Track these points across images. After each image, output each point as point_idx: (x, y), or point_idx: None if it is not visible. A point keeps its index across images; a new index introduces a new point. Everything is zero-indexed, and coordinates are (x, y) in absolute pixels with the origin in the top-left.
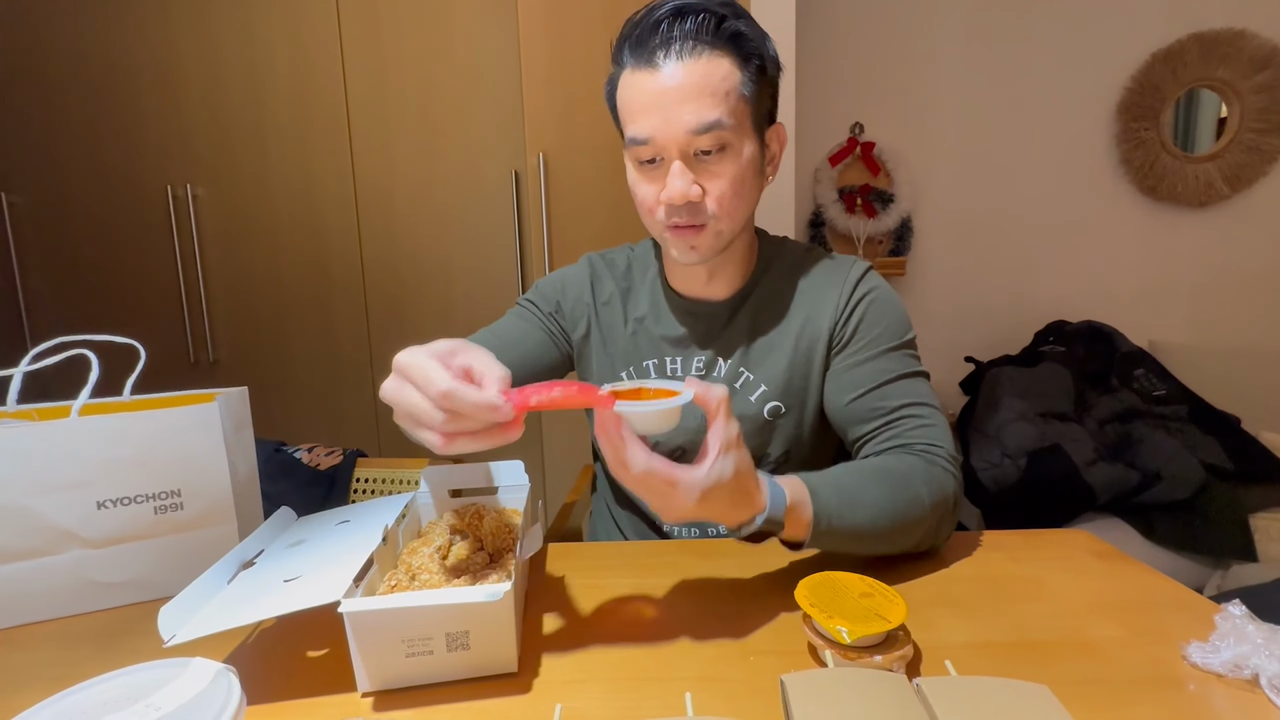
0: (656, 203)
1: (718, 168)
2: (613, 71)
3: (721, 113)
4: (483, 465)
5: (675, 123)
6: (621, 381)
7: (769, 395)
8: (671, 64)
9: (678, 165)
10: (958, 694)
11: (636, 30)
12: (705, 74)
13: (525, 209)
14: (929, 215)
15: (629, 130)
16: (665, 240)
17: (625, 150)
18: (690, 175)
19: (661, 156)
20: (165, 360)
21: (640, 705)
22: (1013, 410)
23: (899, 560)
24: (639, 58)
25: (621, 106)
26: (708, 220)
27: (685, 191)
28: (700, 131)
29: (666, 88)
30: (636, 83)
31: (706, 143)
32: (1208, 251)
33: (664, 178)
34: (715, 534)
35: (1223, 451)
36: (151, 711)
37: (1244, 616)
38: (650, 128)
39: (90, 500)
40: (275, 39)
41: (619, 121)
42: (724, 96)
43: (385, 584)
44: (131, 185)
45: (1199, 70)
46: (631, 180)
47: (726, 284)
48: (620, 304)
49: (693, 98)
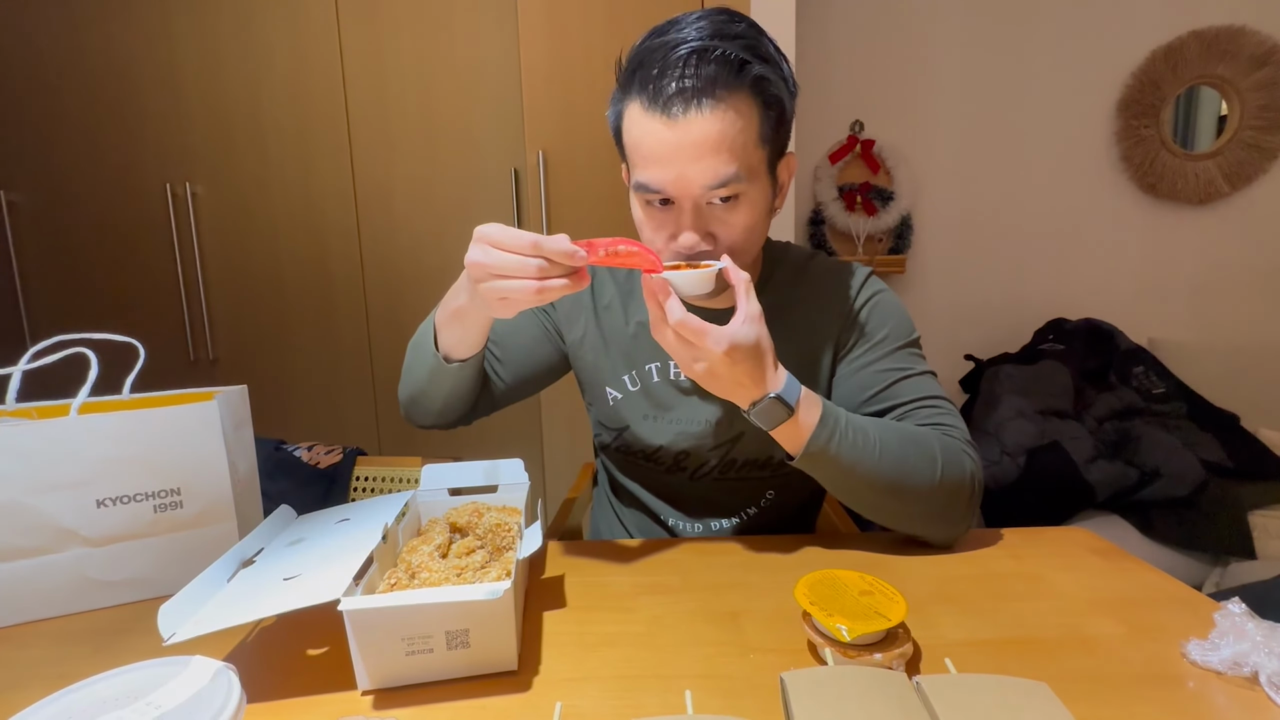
0: (667, 238)
1: (731, 216)
2: (618, 94)
3: (738, 166)
4: (482, 464)
5: (691, 179)
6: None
7: None
8: (690, 116)
9: (690, 212)
10: (957, 691)
11: (652, 66)
12: (723, 128)
13: (525, 207)
14: (929, 213)
15: (639, 174)
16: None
17: (632, 185)
18: (703, 226)
19: (672, 202)
20: (164, 358)
21: (640, 703)
22: (1012, 408)
23: (899, 558)
24: (653, 100)
25: (630, 144)
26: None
27: (695, 245)
28: (716, 187)
29: (683, 143)
30: (650, 130)
31: (721, 195)
32: (1207, 249)
33: (673, 221)
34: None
35: (1222, 449)
36: (151, 710)
37: (1243, 614)
38: (663, 180)
39: (90, 499)
40: (275, 37)
41: (623, 150)
42: (741, 149)
43: (385, 582)
44: (131, 183)
45: (1199, 67)
46: (637, 212)
47: (730, 291)
48: (621, 307)
49: (709, 154)
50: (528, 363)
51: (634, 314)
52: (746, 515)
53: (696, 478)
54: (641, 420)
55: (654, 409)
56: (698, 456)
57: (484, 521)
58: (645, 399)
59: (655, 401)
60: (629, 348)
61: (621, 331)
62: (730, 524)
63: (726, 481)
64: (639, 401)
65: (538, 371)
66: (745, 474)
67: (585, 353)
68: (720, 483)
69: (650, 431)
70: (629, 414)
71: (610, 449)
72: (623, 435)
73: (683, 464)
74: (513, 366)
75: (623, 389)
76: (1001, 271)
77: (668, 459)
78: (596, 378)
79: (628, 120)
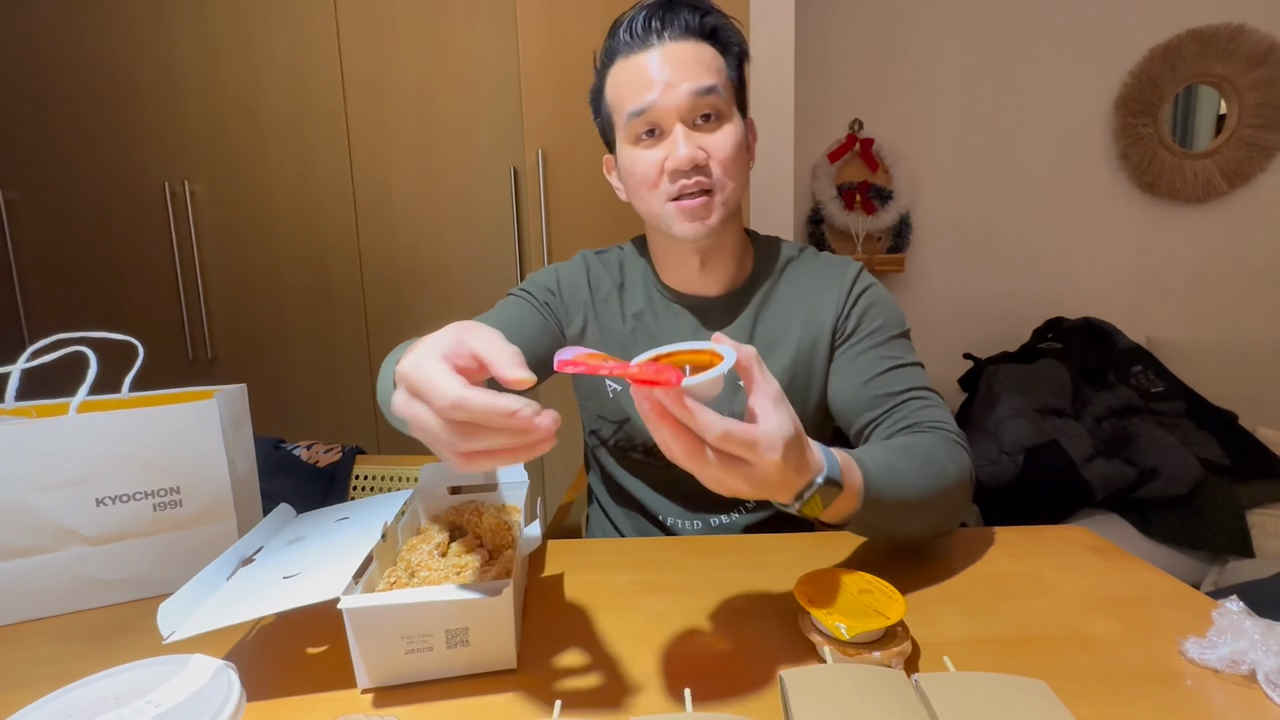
0: (660, 173)
1: (717, 136)
2: (599, 74)
3: (717, 81)
4: None
5: (676, 87)
6: (645, 353)
7: None
8: (666, 42)
9: (680, 130)
10: (955, 689)
11: (626, 24)
12: (696, 52)
13: (524, 205)
14: (927, 212)
15: (629, 106)
16: (670, 217)
17: (622, 134)
18: (694, 143)
19: (660, 127)
20: (163, 357)
21: (639, 701)
22: (1011, 407)
23: (898, 556)
24: (630, 45)
25: (616, 93)
26: (713, 186)
27: (692, 154)
28: (701, 94)
29: (664, 61)
30: (633, 63)
31: (705, 106)
32: (1206, 247)
33: (664, 147)
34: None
35: (1219, 447)
36: (151, 708)
37: (1241, 612)
38: (651, 95)
39: (89, 497)
40: (273, 35)
41: (608, 118)
42: (716, 71)
43: (385, 581)
44: (129, 182)
45: (1197, 66)
46: (630, 160)
47: (719, 278)
48: (617, 300)
49: (690, 67)
50: (534, 359)
51: (628, 307)
52: (745, 509)
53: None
54: (636, 412)
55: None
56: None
57: (483, 520)
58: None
59: None
60: (627, 340)
61: (619, 324)
62: (728, 518)
63: None
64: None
65: (535, 366)
66: None
67: (585, 346)
68: None
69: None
70: (628, 406)
71: (610, 445)
72: (623, 428)
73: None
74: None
75: (621, 380)
76: (1000, 270)
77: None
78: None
79: (612, 78)
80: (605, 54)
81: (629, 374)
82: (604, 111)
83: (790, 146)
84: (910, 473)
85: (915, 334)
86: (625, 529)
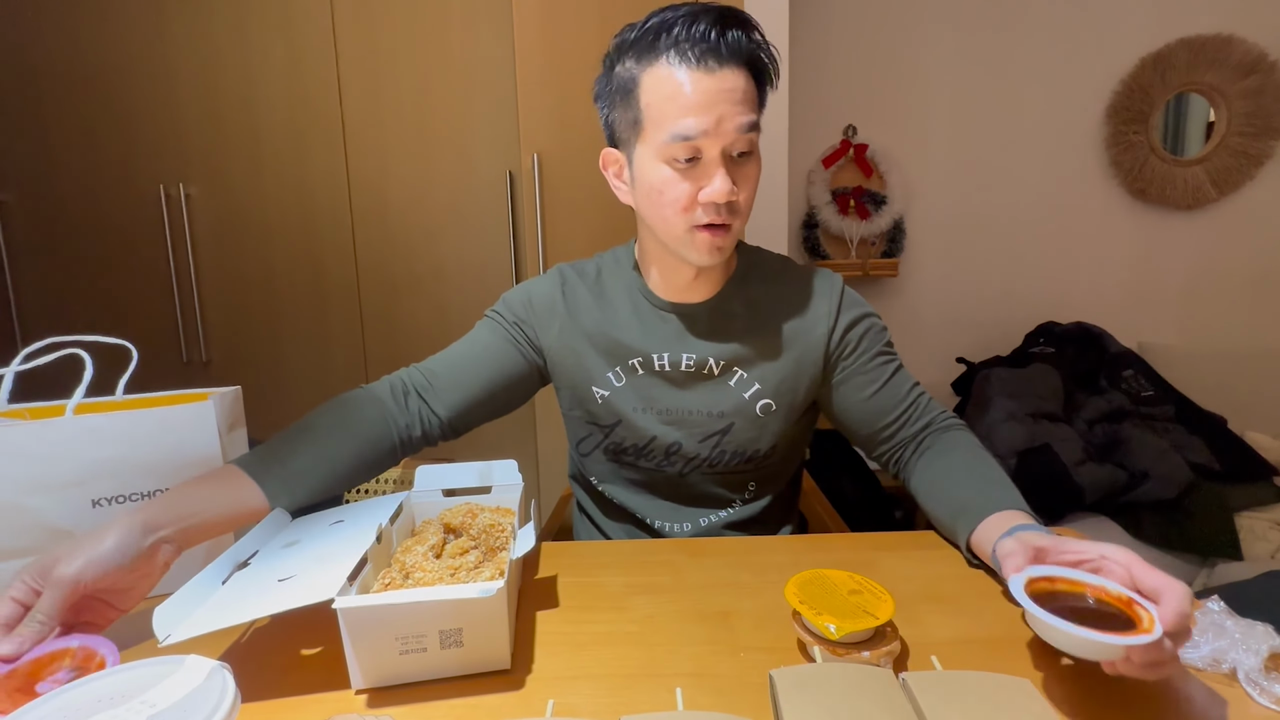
0: (693, 202)
1: (747, 169)
2: (624, 64)
3: (758, 117)
4: (476, 465)
5: (729, 121)
6: (1033, 569)
7: (762, 393)
8: (724, 69)
9: (720, 166)
10: (942, 688)
11: (679, 29)
12: (745, 83)
13: (520, 209)
14: (921, 217)
15: (675, 126)
16: (689, 241)
17: (657, 148)
18: (730, 173)
19: (699, 156)
20: (157, 360)
21: (631, 701)
22: (1003, 410)
23: (888, 557)
24: (685, 57)
25: (657, 104)
26: (735, 220)
27: (729, 190)
28: (746, 131)
29: (720, 89)
30: (683, 81)
31: (745, 144)
32: (1196, 254)
33: (701, 177)
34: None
35: (1209, 451)
36: (146, 708)
37: (1222, 612)
38: (701, 125)
39: (85, 499)
40: (269, 37)
41: (635, 117)
42: (755, 105)
43: (379, 582)
44: (124, 184)
45: (1187, 74)
46: (658, 180)
47: (707, 286)
48: (597, 307)
49: (741, 100)
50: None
51: (609, 316)
52: (732, 509)
53: (686, 471)
54: (632, 413)
55: (643, 402)
56: (689, 447)
57: (478, 522)
58: (633, 393)
59: (643, 394)
60: (609, 345)
61: (599, 331)
62: (718, 518)
63: (715, 474)
64: (627, 395)
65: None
66: (732, 466)
67: (565, 358)
68: (709, 475)
69: (643, 422)
70: (621, 407)
71: (600, 451)
72: (614, 431)
73: (673, 456)
74: (488, 391)
75: (609, 386)
76: (993, 275)
77: (659, 452)
78: (580, 379)
79: (652, 81)
80: (645, 48)
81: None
82: (630, 109)
83: (785, 151)
84: (1004, 479)
85: (909, 338)
86: (614, 538)
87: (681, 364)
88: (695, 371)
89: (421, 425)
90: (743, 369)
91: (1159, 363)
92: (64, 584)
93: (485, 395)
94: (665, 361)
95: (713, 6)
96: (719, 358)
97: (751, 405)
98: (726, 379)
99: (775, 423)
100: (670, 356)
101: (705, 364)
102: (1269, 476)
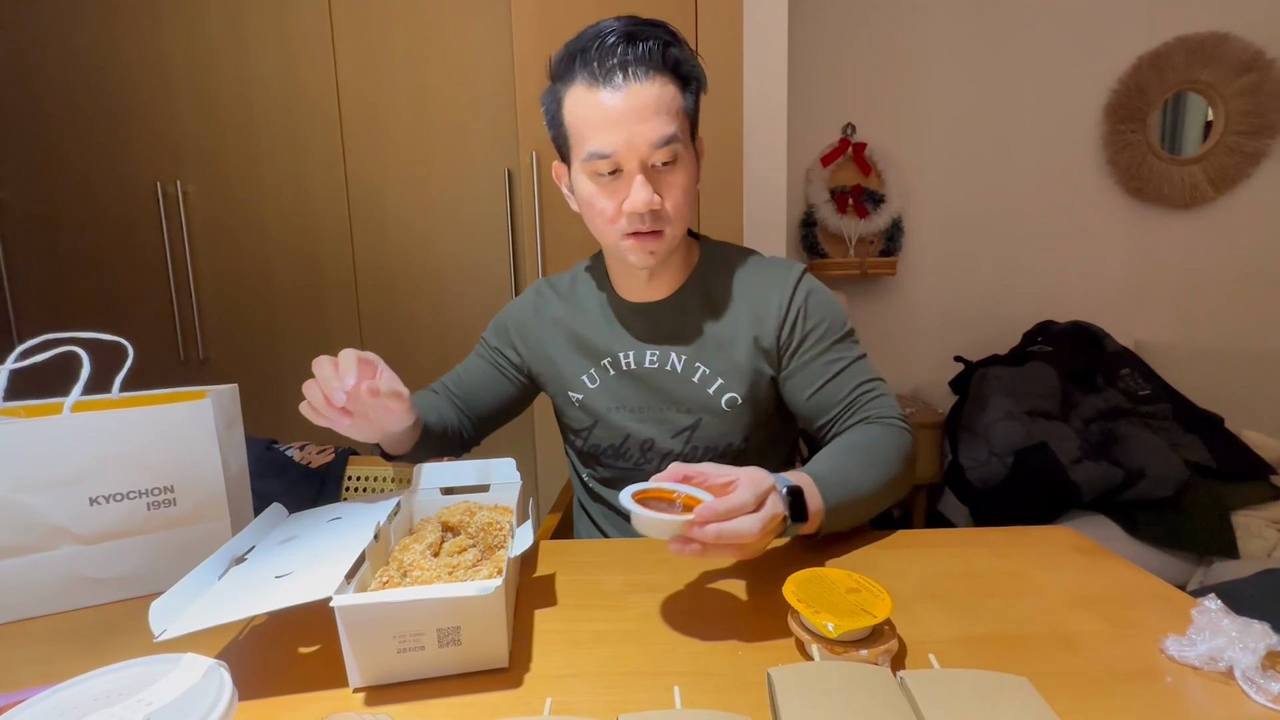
0: (618, 213)
1: (672, 178)
2: (553, 88)
3: (676, 127)
4: (474, 463)
5: (639, 137)
6: (643, 484)
7: (726, 387)
8: (631, 84)
9: (639, 177)
10: (940, 686)
11: (589, 51)
12: (659, 93)
13: (518, 207)
14: (919, 216)
15: (591, 145)
16: (622, 248)
17: (580, 165)
18: (650, 186)
19: (620, 169)
20: (154, 358)
21: (629, 699)
22: (1000, 409)
23: (886, 556)
24: (594, 77)
25: (576, 121)
26: (664, 226)
27: (649, 200)
28: (660, 145)
29: (629, 105)
30: (597, 100)
31: (664, 155)
32: (1193, 253)
33: (624, 189)
34: None
35: (1205, 450)
36: (143, 707)
37: (1219, 610)
38: (614, 142)
39: (83, 496)
40: (266, 35)
41: (564, 135)
42: (675, 114)
43: (377, 580)
44: (121, 182)
45: (1184, 73)
46: (587, 193)
47: (665, 284)
48: (570, 315)
49: (652, 115)
50: (500, 407)
51: (580, 320)
52: None
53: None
54: (606, 413)
55: (614, 401)
56: (662, 444)
57: (476, 520)
58: (606, 393)
59: (614, 394)
60: (582, 347)
61: (573, 336)
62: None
63: None
64: (601, 396)
65: (504, 404)
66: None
67: (545, 365)
68: None
69: (618, 420)
70: (596, 408)
71: (582, 454)
72: (592, 433)
73: (649, 453)
74: (477, 407)
75: (583, 389)
76: (991, 274)
77: (634, 450)
78: (560, 385)
79: (570, 102)
80: (563, 70)
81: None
82: (560, 128)
83: (783, 150)
84: (860, 473)
85: (907, 336)
86: (607, 529)
87: (645, 361)
88: (659, 369)
89: (462, 429)
90: (705, 365)
91: (1156, 361)
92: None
93: (489, 413)
94: (631, 360)
95: (628, 20)
96: (680, 354)
97: (716, 400)
98: (690, 375)
99: (744, 416)
100: (635, 355)
101: (668, 361)
102: (1265, 475)
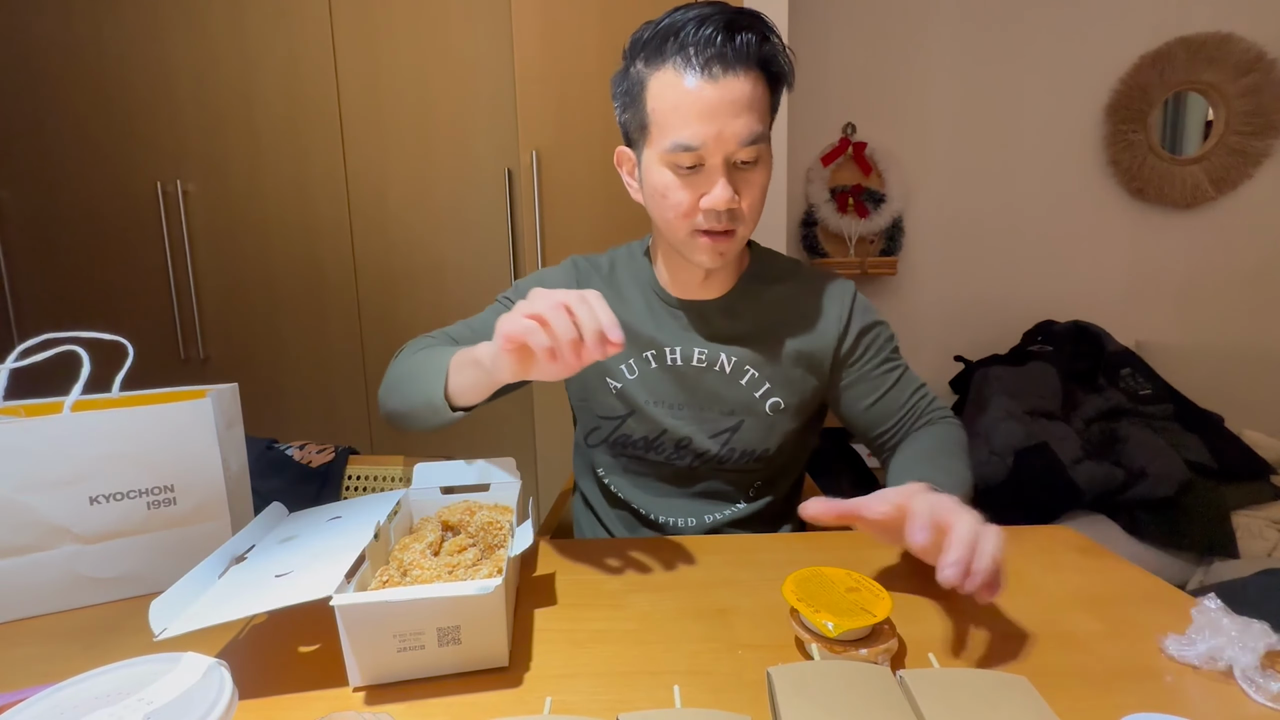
0: (694, 208)
1: (752, 177)
2: (635, 66)
3: (764, 126)
4: (475, 462)
5: (729, 134)
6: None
7: (772, 392)
8: (728, 77)
9: (721, 175)
10: (939, 685)
11: (686, 36)
12: (753, 90)
13: (518, 206)
14: (920, 215)
15: (676, 135)
16: (691, 245)
17: (660, 154)
18: (730, 184)
19: (703, 164)
20: (155, 357)
21: (629, 698)
22: (1001, 409)
23: (886, 555)
24: (690, 65)
25: (661, 109)
26: (738, 226)
27: (730, 199)
28: (748, 143)
29: (725, 99)
30: (691, 90)
31: (749, 154)
32: (1194, 253)
33: (703, 184)
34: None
35: (1206, 450)
36: (143, 706)
37: (1219, 610)
38: (704, 136)
39: (83, 495)
40: (268, 34)
41: (642, 121)
42: (763, 113)
43: (377, 579)
44: (121, 181)
45: (1186, 73)
46: (662, 184)
47: (718, 284)
48: (612, 299)
49: (744, 111)
50: None
51: (623, 305)
52: (737, 506)
53: (694, 465)
54: (645, 404)
55: (655, 395)
56: (700, 442)
57: (476, 519)
58: (644, 386)
59: (657, 387)
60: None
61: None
62: (723, 515)
63: (723, 471)
64: (639, 388)
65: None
66: (741, 464)
67: None
68: (717, 472)
69: (655, 414)
70: (635, 398)
71: (608, 443)
72: (625, 423)
73: (684, 450)
74: None
75: (622, 377)
76: (991, 273)
77: (669, 445)
78: (594, 369)
79: (657, 86)
80: (651, 51)
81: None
82: (638, 112)
83: (784, 149)
84: (962, 468)
85: (907, 336)
86: (616, 530)
87: (694, 359)
88: (707, 368)
89: None
90: (754, 368)
91: (1157, 361)
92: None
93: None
94: (678, 355)
95: (725, 8)
96: (730, 356)
97: (761, 404)
98: (738, 377)
99: (785, 422)
100: (683, 350)
101: (717, 360)
102: (1266, 475)
